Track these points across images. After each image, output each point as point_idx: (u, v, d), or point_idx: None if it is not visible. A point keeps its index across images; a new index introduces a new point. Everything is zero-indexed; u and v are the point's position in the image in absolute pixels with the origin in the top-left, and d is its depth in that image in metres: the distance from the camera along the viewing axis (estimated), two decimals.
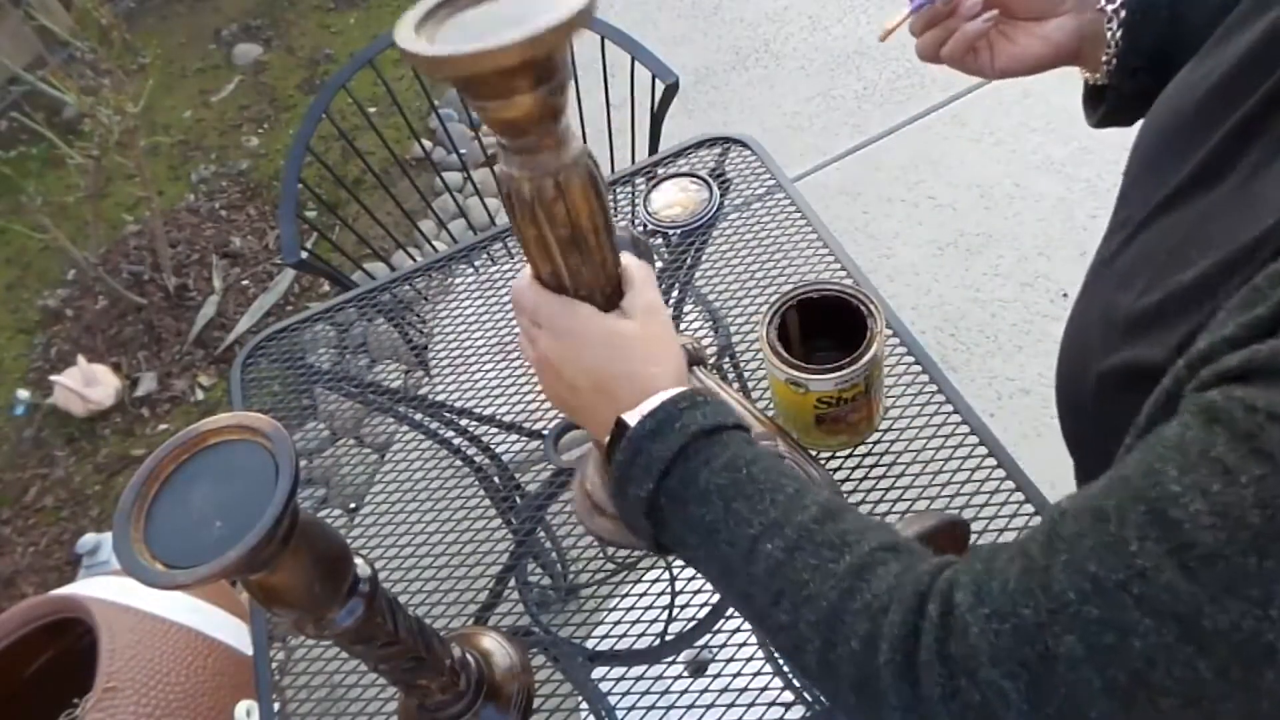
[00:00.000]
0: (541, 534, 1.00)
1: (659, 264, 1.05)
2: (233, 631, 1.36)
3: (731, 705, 0.75)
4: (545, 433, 0.96)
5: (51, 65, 2.66)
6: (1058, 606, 0.35)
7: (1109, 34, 0.61)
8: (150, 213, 2.29)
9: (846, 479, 0.82)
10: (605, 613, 0.85)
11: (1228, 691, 0.33)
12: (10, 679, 1.28)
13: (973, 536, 0.69)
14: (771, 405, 0.81)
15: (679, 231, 1.08)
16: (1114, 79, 0.63)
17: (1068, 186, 2.04)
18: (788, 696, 0.74)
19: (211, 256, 2.41)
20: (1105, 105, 0.65)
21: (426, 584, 0.88)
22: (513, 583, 0.91)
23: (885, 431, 0.84)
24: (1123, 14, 0.60)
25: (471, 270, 1.19)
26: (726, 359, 0.99)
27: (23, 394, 2.25)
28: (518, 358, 1.05)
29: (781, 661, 0.75)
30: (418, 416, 1.08)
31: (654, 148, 1.44)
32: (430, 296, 1.18)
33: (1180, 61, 0.56)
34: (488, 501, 0.96)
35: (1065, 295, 1.84)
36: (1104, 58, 0.62)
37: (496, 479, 1.14)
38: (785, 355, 0.74)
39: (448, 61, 0.40)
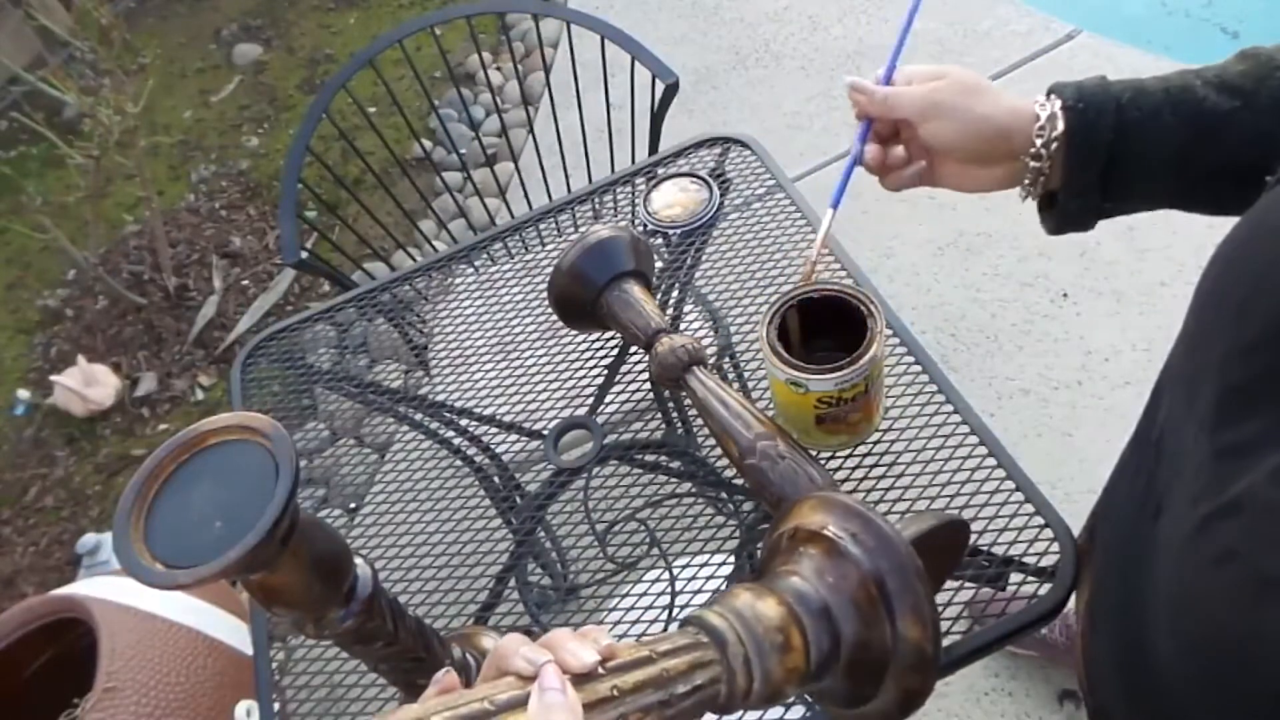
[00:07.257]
0: (541, 534, 1.00)
1: (659, 264, 1.05)
2: (233, 631, 1.36)
3: None
4: (545, 433, 0.96)
5: (51, 65, 2.66)
6: None
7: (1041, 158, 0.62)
8: (150, 213, 2.29)
9: (846, 479, 0.82)
10: (605, 613, 0.85)
11: None
12: (10, 679, 1.28)
13: (973, 537, 0.69)
14: (771, 405, 0.81)
15: (679, 231, 1.08)
16: (1061, 197, 0.63)
17: None
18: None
19: (211, 256, 2.41)
20: (1054, 218, 0.66)
21: (426, 584, 0.88)
22: (513, 583, 0.91)
23: (885, 431, 0.84)
24: (1053, 143, 0.61)
25: (471, 270, 1.19)
26: (726, 359, 0.99)
27: (23, 394, 2.25)
28: (518, 358, 1.05)
29: None
30: (418, 416, 1.08)
31: (654, 148, 1.44)
32: (430, 296, 1.18)
33: (1128, 179, 0.56)
34: (488, 501, 0.96)
35: (1065, 295, 1.84)
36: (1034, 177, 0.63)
37: (496, 479, 1.14)
38: (785, 355, 0.74)
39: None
